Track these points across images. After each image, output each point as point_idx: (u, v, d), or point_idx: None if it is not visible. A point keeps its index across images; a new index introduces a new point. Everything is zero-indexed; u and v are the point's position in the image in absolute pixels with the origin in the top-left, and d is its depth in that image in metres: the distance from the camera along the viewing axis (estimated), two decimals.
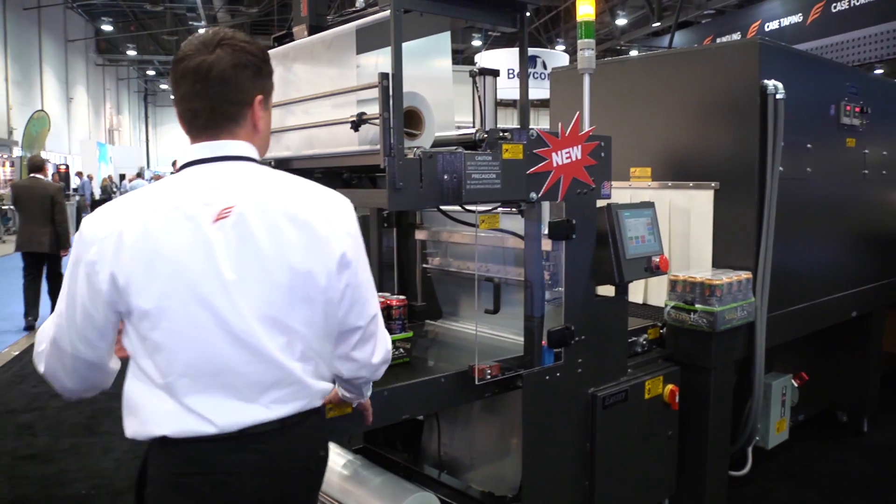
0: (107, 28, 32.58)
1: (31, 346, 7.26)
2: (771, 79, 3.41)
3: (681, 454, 3.31)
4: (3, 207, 19.62)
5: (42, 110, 23.25)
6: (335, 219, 1.68)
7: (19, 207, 8.27)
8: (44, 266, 8.15)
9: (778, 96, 3.39)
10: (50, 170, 14.07)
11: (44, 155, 18.10)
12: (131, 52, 34.13)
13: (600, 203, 2.86)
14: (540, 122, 2.86)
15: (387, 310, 2.62)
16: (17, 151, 22.80)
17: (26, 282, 8.26)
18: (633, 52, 24.10)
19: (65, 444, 4.82)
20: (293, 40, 2.65)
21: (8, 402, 5.72)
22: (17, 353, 7.30)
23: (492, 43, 24.79)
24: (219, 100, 1.65)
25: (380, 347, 1.83)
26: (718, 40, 16.31)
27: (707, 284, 3.24)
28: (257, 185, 1.65)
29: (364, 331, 1.77)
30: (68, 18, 31.18)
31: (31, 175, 8.43)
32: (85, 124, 33.79)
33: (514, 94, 9.41)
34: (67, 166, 24.10)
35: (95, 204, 21.53)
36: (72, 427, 5.11)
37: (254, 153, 1.71)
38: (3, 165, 21.55)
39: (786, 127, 3.43)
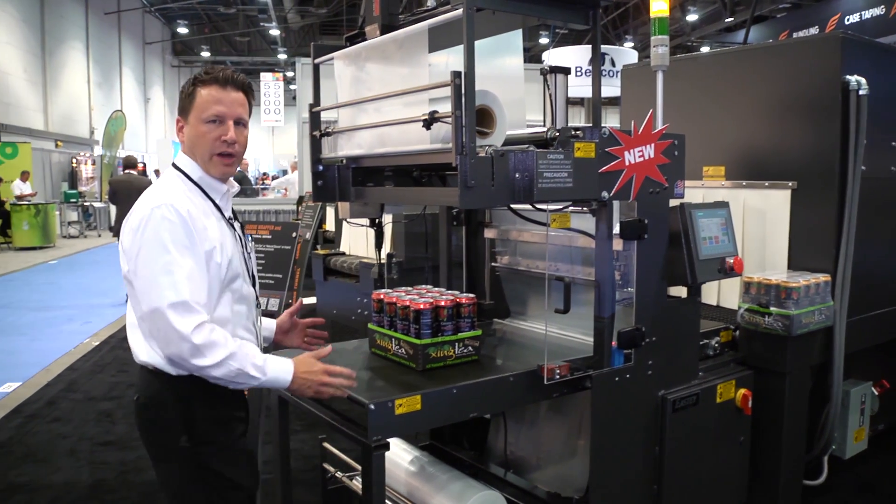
0: (182, 30, 33.67)
1: (111, 337, 7.52)
2: (853, 74, 3.30)
3: (753, 461, 3.22)
4: (86, 204, 20.47)
5: (119, 110, 24.19)
6: (135, 212, 2.03)
7: (116, 200, 9.21)
8: None
9: (861, 92, 3.27)
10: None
11: (121, 153, 18.92)
12: (205, 54, 35.14)
13: (673, 202, 2.81)
14: (608, 121, 2.81)
15: (456, 307, 2.63)
16: (97, 150, 23.75)
17: None
18: (704, 49, 23.59)
19: None
20: (365, 40, 2.68)
21: (89, 390, 5.97)
22: (97, 343, 7.60)
23: (559, 40, 24.60)
24: None
25: (169, 345, 1.93)
26: (795, 35, 15.84)
27: (783, 287, 3.15)
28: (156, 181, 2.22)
29: (144, 322, 2.00)
30: (146, 22, 32.33)
31: (126, 171, 9.72)
32: (161, 124, 34.97)
33: (582, 91, 9.32)
34: (144, 164, 24.96)
35: None
36: None
37: (180, 161, 2.17)
38: (86, 163, 22.47)
39: (869, 124, 3.31)
